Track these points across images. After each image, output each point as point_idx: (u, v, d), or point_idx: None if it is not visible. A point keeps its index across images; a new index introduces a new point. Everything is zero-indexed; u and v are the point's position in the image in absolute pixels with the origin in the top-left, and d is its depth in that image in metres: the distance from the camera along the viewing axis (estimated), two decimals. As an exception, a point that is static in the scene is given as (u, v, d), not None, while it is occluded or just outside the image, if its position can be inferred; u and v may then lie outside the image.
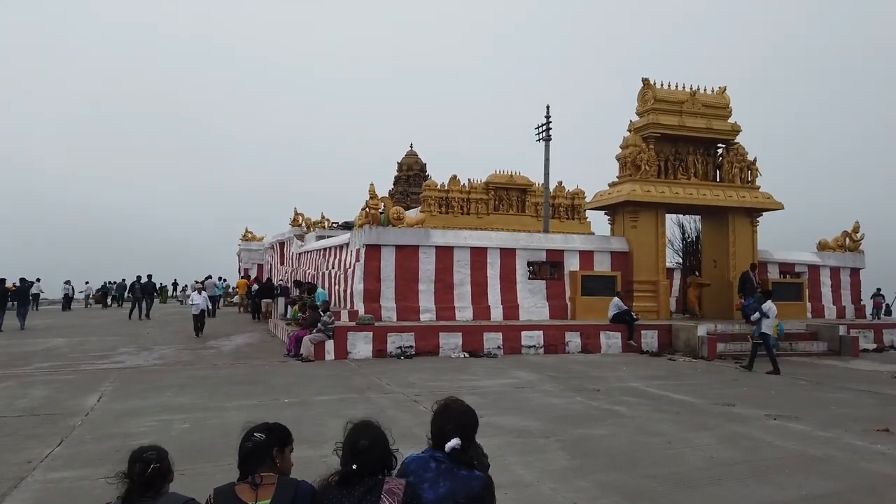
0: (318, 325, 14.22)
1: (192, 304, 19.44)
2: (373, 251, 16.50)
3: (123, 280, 44.01)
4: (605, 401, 9.59)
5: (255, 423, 2.64)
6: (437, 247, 17.11)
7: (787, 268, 21.06)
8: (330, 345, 14.10)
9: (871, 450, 6.88)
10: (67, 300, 36.49)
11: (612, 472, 5.97)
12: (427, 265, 16.98)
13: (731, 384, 11.59)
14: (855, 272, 21.93)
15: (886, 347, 18.62)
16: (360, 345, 14.39)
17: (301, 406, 8.84)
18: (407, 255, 16.80)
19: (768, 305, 13.36)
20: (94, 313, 32.02)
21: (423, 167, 47.58)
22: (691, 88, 19.86)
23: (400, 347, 14.62)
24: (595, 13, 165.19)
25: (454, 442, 2.54)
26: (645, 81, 19.73)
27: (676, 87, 19.81)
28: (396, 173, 48.03)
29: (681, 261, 24.02)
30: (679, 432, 7.58)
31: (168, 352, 15.23)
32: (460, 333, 15.19)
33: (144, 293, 26.75)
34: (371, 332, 14.52)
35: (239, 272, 41.42)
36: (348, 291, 17.76)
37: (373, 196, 16.72)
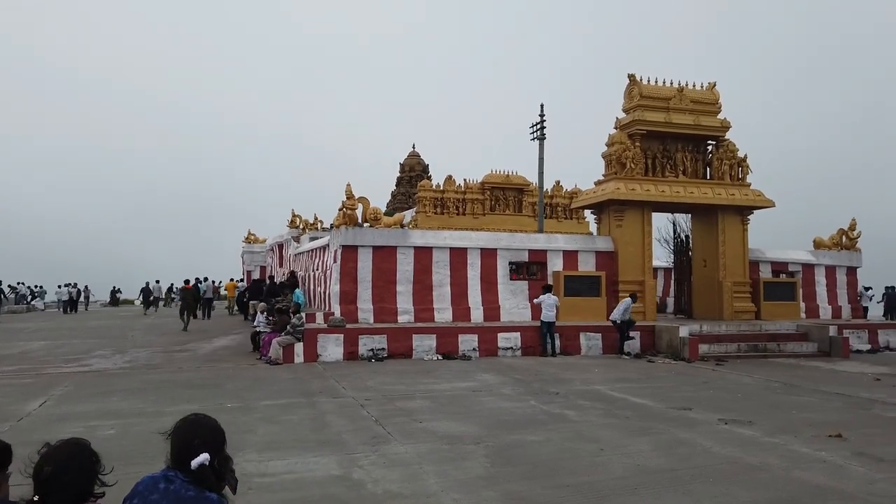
0: (288, 327, 14.06)
1: (256, 327, 15.89)
2: (349, 252, 16.31)
3: (158, 282, 42.28)
4: (558, 405, 9.31)
5: None
6: (415, 247, 16.86)
7: (780, 267, 20.54)
8: (300, 347, 13.93)
9: (812, 457, 6.54)
10: (72, 303, 36.81)
11: (526, 482, 5.71)
12: (405, 266, 16.74)
13: (700, 387, 11.23)
14: (851, 271, 21.35)
15: (881, 348, 18.09)
16: (331, 347, 14.21)
17: (240, 411, 8.66)
18: (384, 255, 16.59)
19: (540, 298, 15.59)
20: (92, 316, 32.20)
21: (425, 168, 47.43)
22: (679, 84, 19.45)
23: (372, 350, 14.42)
24: (599, 11, 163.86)
25: (202, 457, 2.29)
26: (631, 77, 19.36)
27: (664, 83, 19.40)
28: (399, 174, 47.96)
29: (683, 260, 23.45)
30: (617, 438, 7.28)
31: (142, 355, 15.15)
32: (434, 335, 14.96)
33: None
34: (342, 335, 14.33)
35: (243, 274, 41.53)
36: (327, 293, 17.60)
37: (349, 196, 16.53)
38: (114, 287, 49.60)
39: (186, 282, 23.79)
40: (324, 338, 14.22)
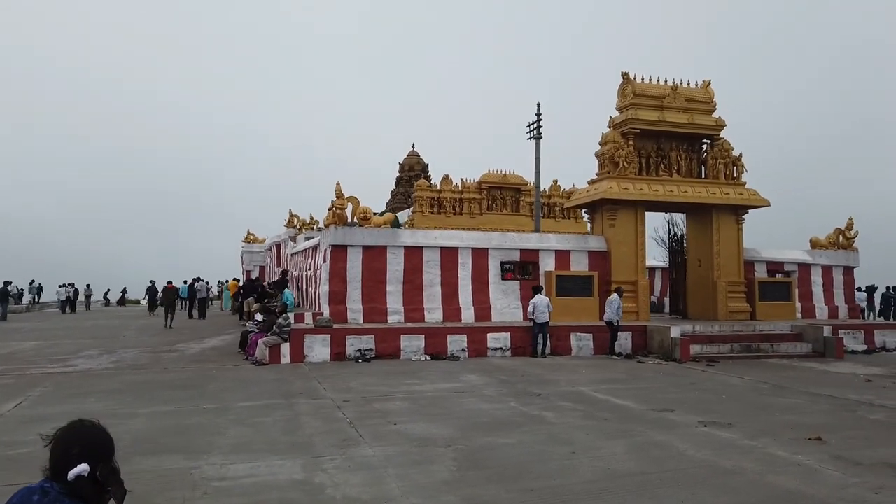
0: (274, 327, 13.97)
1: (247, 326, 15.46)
2: (339, 252, 16.20)
3: (153, 282, 41.31)
4: (537, 406, 9.18)
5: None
6: (405, 247, 16.75)
7: (776, 267, 20.35)
8: (286, 348, 13.84)
9: (788, 461, 6.40)
10: (70, 302, 36.84)
11: (490, 486, 5.59)
12: (395, 266, 16.63)
13: (686, 388, 11.09)
14: (848, 271, 21.14)
15: (877, 349, 17.88)
16: (318, 348, 14.11)
17: (215, 413, 8.56)
18: (374, 255, 16.48)
19: (533, 302, 15.14)
20: (90, 315, 32.17)
21: (424, 167, 47.25)
22: (674, 82, 19.28)
23: (359, 350, 14.31)
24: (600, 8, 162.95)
25: (80, 468, 2.16)
26: (624, 76, 19.22)
27: (658, 81, 19.24)
28: (398, 174, 47.81)
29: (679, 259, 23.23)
30: (592, 440, 7.15)
31: (129, 355, 15.08)
32: (423, 336, 14.84)
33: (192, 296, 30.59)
34: (329, 335, 14.23)
35: (242, 274, 41.51)
36: (317, 293, 17.50)
37: (339, 196, 16.43)
38: (107, 290, 49.84)
39: (169, 283, 25.66)
40: (310, 338, 14.12)
